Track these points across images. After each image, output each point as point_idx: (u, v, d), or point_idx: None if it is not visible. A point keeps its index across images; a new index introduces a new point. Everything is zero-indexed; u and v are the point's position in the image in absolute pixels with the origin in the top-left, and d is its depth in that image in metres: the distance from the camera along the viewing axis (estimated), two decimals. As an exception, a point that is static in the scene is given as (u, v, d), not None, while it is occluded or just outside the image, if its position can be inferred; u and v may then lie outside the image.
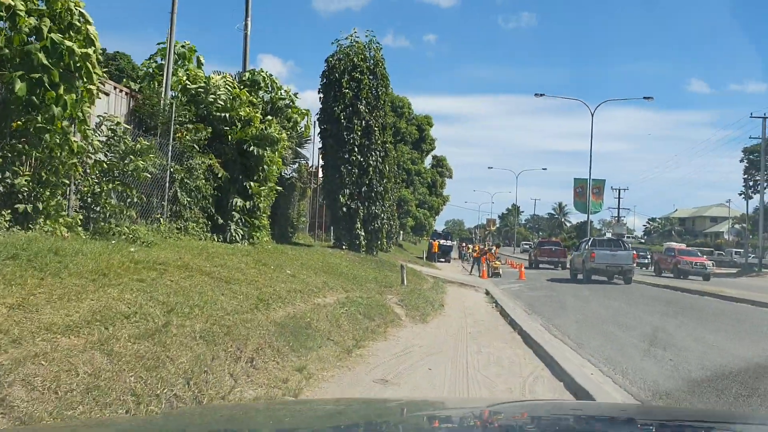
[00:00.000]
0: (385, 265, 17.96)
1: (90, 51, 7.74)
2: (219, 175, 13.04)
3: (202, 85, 13.01)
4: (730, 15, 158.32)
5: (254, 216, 13.66)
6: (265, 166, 13.59)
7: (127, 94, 12.51)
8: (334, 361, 7.03)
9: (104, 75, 9.41)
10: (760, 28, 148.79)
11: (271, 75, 16.43)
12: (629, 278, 25.42)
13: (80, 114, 7.68)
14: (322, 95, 19.19)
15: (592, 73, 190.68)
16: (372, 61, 19.24)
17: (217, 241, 12.98)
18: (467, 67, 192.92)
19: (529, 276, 28.79)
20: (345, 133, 18.39)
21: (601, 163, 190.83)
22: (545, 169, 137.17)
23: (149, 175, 10.12)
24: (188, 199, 12.42)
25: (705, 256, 38.87)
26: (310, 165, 23.25)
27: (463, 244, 52.91)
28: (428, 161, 52.20)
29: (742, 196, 49.24)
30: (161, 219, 11.72)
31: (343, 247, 18.68)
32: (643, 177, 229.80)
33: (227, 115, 13.10)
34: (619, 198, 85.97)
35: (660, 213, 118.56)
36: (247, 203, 13.45)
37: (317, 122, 19.51)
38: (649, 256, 57.60)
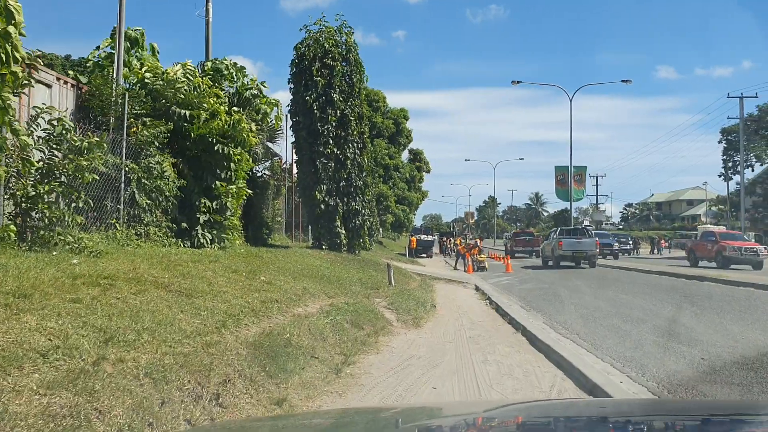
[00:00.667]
0: (369, 265, 16.76)
1: (10, 28, 6.44)
2: (182, 174, 11.76)
3: (159, 75, 11.67)
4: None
5: (223, 217, 12.38)
6: (232, 163, 12.31)
7: (73, 86, 11.14)
8: (320, 385, 5.85)
9: (38, 60, 8.09)
10: (725, 12, 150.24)
11: (235, 64, 15.12)
12: (593, 262, 28.36)
13: (0, 102, 6.36)
14: (292, 85, 17.86)
15: (564, 64, 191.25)
16: (344, 47, 17.94)
17: (184, 246, 11.72)
18: (438, 62, 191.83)
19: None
20: (319, 125, 17.07)
21: (578, 151, 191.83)
22: (522, 159, 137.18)
23: (97, 176, 8.79)
24: (148, 202, 11.11)
25: (753, 240, 37.55)
26: (283, 161, 21.94)
27: (444, 239, 52.00)
28: (405, 156, 51.07)
29: (722, 177, 48.90)
30: (117, 224, 10.41)
31: (323, 247, 17.40)
32: (618, 164, 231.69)
33: (189, 108, 11.80)
34: (597, 185, 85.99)
35: (637, 199, 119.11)
36: (215, 204, 12.16)
37: (288, 114, 18.23)
38: (631, 241, 57.36)
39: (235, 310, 6.69)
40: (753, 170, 47.74)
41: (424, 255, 40.78)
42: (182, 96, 11.60)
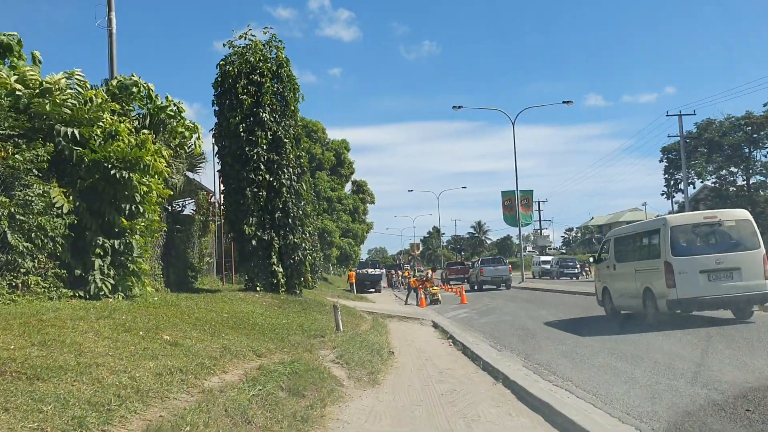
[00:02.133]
0: (312, 306, 14.58)
1: None
2: (74, 209, 9.46)
3: (37, 86, 9.41)
4: (618, 29, 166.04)
5: (129, 259, 10.07)
6: (137, 194, 10.07)
7: None
8: None
9: None
10: (644, 40, 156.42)
11: (147, 83, 12.92)
12: (509, 285, 34.93)
13: None
14: (216, 108, 15.74)
15: (498, 96, 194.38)
16: (274, 62, 15.97)
17: (78, 298, 9.37)
18: (376, 97, 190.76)
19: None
20: (247, 148, 14.90)
21: (518, 178, 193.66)
22: (465, 187, 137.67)
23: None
24: (26, 244, 8.75)
25: None
26: (212, 195, 19.60)
27: (392, 272, 50.18)
28: (348, 188, 49.16)
29: (665, 195, 48.90)
30: (-22, 276, 8.03)
31: (258, 288, 15.12)
32: (557, 190, 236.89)
33: (77, 126, 9.56)
34: (539, 210, 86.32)
35: (577, 223, 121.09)
36: (117, 243, 9.86)
37: (213, 141, 16.02)
38: (578, 266, 56.63)
39: (108, 394, 4.50)
40: (694, 187, 47.98)
41: (373, 290, 38.82)
42: (68, 111, 9.34)
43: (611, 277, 14.77)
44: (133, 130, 11.05)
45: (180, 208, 16.49)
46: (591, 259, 31.34)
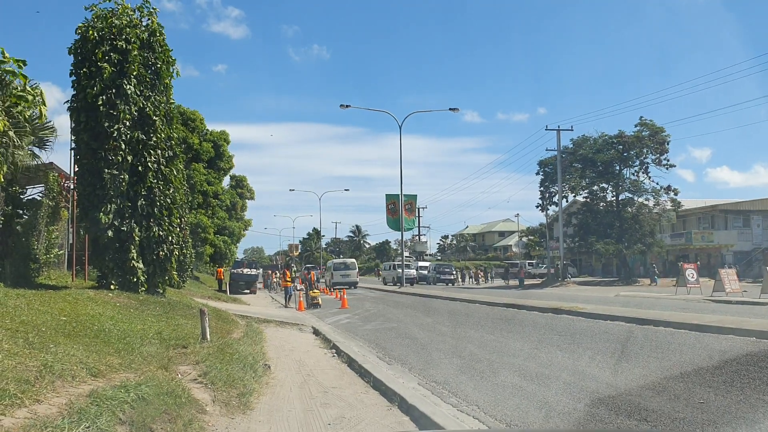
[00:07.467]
0: (177, 309, 12.69)
1: None
2: None
3: None
4: (492, 53, 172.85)
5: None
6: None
7: None
8: None
9: None
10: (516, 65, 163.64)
11: (-18, 33, 10.61)
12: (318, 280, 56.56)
13: None
14: (74, 78, 13.41)
15: (383, 104, 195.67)
16: (145, 30, 13.82)
17: None
18: (260, 96, 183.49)
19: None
20: (107, 124, 12.71)
21: (396, 186, 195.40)
22: (347, 190, 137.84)
23: None
24: None
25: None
26: (66, 177, 17.01)
27: (270, 272, 48.27)
28: (226, 182, 46.43)
29: (539, 208, 50.29)
30: None
31: (112, 286, 12.99)
32: (434, 199, 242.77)
33: None
34: (418, 217, 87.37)
35: (453, 231, 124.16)
36: None
37: (69, 115, 13.68)
38: (455, 272, 57.49)
39: None
40: (567, 201, 49.68)
41: (247, 291, 36.91)
42: None
43: (328, 276, 47.16)
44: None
45: (22, 191, 14.00)
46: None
